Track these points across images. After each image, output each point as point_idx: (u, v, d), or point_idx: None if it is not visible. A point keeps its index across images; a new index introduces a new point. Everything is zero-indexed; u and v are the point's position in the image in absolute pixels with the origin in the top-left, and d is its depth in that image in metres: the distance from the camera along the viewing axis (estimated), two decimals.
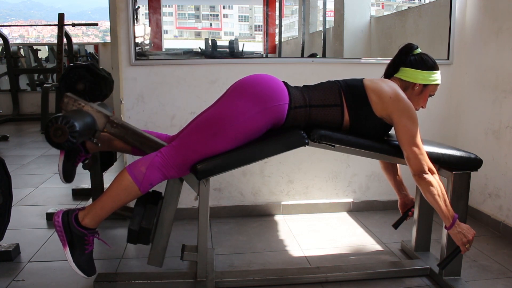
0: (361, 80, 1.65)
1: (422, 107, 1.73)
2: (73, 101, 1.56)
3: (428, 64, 1.67)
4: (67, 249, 1.50)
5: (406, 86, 1.68)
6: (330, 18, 4.45)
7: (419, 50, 1.70)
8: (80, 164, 1.82)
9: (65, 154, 1.66)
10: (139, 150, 1.68)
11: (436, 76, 1.68)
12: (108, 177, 3.14)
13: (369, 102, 1.60)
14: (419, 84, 1.67)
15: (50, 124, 1.44)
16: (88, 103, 1.58)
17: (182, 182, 1.67)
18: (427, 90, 1.69)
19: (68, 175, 1.70)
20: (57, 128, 1.43)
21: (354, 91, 1.62)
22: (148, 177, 1.49)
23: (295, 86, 1.64)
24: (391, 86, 1.62)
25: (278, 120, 1.57)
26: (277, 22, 6.02)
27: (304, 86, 1.67)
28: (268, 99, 1.53)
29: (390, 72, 1.74)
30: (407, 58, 1.69)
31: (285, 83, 1.61)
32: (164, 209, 1.64)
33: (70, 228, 1.50)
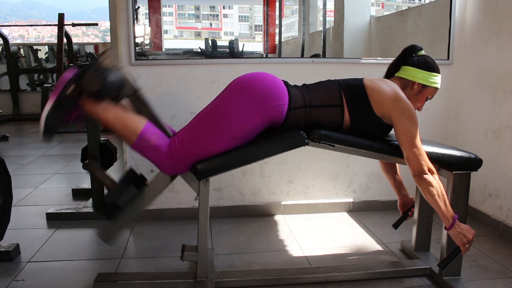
0: (361, 80, 1.65)
1: (418, 109, 1.71)
2: (113, 59, 1.54)
3: (430, 65, 1.67)
4: (51, 101, 1.47)
5: (406, 84, 1.68)
6: (330, 18, 4.45)
7: (422, 52, 1.70)
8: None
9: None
10: None
11: (436, 79, 1.68)
12: None
13: (369, 102, 1.60)
14: (418, 83, 1.66)
15: (84, 72, 1.42)
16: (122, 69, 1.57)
17: (171, 181, 1.67)
18: (426, 91, 1.68)
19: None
20: (92, 76, 1.43)
21: (354, 91, 1.62)
22: (147, 147, 1.49)
23: (294, 85, 1.64)
24: (391, 86, 1.62)
25: (277, 120, 1.57)
26: (277, 22, 6.02)
27: (304, 85, 1.67)
28: (267, 99, 1.52)
29: (391, 71, 1.74)
30: (410, 58, 1.69)
31: (285, 83, 1.61)
32: (143, 197, 1.62)
33: (67, 90, 1.47)
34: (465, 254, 1.80)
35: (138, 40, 2.39)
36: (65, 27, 6.02)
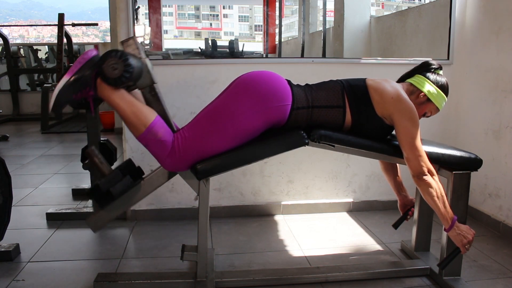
0: (363, 80, 1.65)
1: None
2: (135, 47, 1.51)
3: (441, 84, 1.68)
4: (68, 77, 1.47)
5: (413, 91, 1.68)
6: (330, 18, 4.46)
7: (440, 72, 1.72)
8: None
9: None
10: None
11: (441, 100, 1.68)
12: None
13: (371, 102, 1.60)
14: (424, 95, 1.66)
15: (107, 56, 1.42)
16: (147, 59, 1.54)
17: (168, 179, 1.67)
18: (428, 106, 1.68)
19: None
20: (114, 62, 1.42)
21: (356, 91, 1.62)
22: (153, 140, 1.49)
23: (297, 85, 1.64)
24: (393, 87, 1.62)
25: (280, 120, 1.57)
26: (277, 22, 6.03)
27: (306, 85, 1.67)
28: (272, 99, 1.52)
29: (404, 77, 1.75)
30: (427, 71, 1.70)
31: (288, 82, 1.61)
32: (137, 190, 1.62)
33: (86, 70, 1.48)
34: (465, 254, 1.80)
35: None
36: (65, 27, 6.01)
